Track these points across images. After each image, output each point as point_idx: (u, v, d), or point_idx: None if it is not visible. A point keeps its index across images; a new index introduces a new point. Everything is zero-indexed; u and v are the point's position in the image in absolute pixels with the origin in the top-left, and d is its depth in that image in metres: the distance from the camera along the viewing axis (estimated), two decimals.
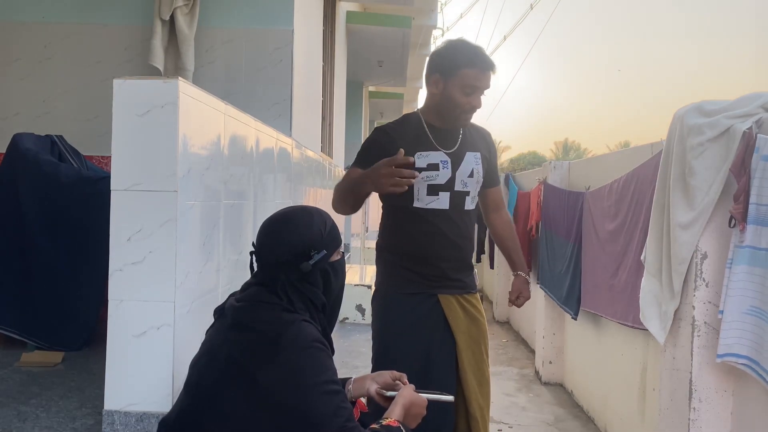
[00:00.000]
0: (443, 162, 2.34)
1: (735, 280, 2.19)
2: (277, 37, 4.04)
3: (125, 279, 1.96)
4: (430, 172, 2.33)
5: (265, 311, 1.62)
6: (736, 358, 2.19)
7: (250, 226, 2.86)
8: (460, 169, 2.37)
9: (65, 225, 3.25)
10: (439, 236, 2.35)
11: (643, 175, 3.05)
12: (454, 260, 2.39)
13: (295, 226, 1.69)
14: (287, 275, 1.66)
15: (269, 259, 1.68)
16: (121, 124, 1.96)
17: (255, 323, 1.60)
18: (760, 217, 2.12)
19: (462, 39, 2.39)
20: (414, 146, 2.33)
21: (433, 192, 2.34)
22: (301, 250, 1.67)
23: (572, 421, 4.19)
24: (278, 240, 1.68)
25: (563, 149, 57.18)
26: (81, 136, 3.85)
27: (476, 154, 2.42)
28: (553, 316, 5.05)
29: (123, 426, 1.95)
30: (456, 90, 2.31)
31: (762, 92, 2.31)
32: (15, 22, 4.05)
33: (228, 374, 1.56)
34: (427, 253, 2.36)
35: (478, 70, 2.29)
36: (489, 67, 2.31)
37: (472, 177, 2.39)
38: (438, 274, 2.37)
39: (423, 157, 2.32)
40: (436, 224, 2.35)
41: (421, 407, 1.76)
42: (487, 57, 2.33)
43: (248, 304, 1.66)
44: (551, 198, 4.90)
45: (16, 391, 2.65)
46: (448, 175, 2.35)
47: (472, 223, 2.47)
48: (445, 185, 2.34)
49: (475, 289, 2.51)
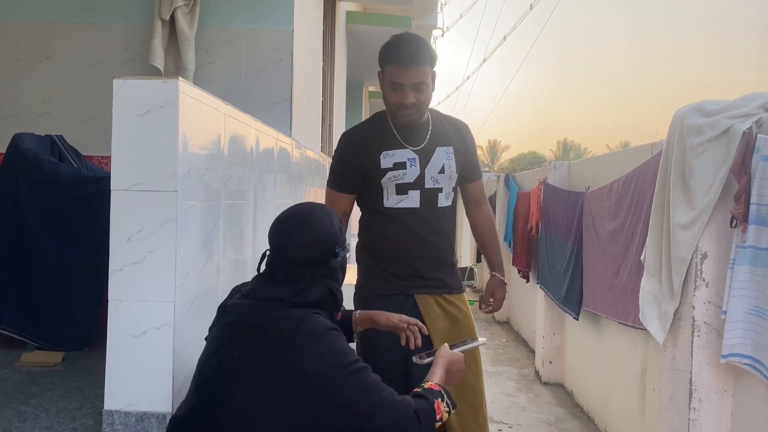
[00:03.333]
0: (411, 159, 2.28)
1: (737, 280, 2.19)
2: (277, 37, 4.04)
3: (125, 279, 1.96)
4: (396, 171, 2.27)
5: (276, 309, 1.62)
6: (741, 358, 2.19)
7: (250, 226, 2.85)
8: (430, 165, 2.30)
9: (65, 225, 3.24)
10: (411, 235, 2.31)
11: (643, 175, 3.05)
12: (430, 258, 2.33)
13: (318, 223, 1.70)
14: (314, 271, 1.66)
15: (294, 255, 1.66)
16: (121, 124, 1.96)
17: (268, 322, 1.60)
18: (761, 217, 2.12)
19: (403, 33, 2.29)
20: (379, 146, 2.29)
21: (402, 191, 2.29)
22: (327, 247, 1.69)
23: (572, 421, 4.19)
24: (305, 237, 1.67)
25: (563, 149, 57.19)
26: (81, 136, 3.85)
27: (448, 149, 2.34)
28: (553, 316, 5.05)
29: (123, 426, 1.95)
30: (387, 87, 2.25)
31: (762, 92, 2.31)
32: (15, 22, 4.04)
33: (244, 373, 1.57)
34: (400, 253, 2.32)
35: (400, 66, 2.18)
36: (412, 62, 2.17)
37: (443, 173, 2.32)
38: (413, 273, 2.32)
39: (389, 156, 2.28)
40: (407, 223, 2.30)
41: (459, 363, 1.84)
42: (412, 50, 2.18)
43: (257, 302, 1.66)
44: (551, 198, 4.90)
45: (16, 391, 2.65)
46: (416, 173, 2.28)
47: (450, 220, 2.39)
48: (414, 183, 2.28)
49: (459, 289, 2.43)
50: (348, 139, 2.38)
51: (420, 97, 2.22)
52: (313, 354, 1.55)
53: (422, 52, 2.20)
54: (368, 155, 2.29)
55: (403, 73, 2.19)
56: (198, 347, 2.18)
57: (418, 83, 2.20)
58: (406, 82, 2.19)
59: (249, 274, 2.84)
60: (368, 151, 2.29)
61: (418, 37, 2.28)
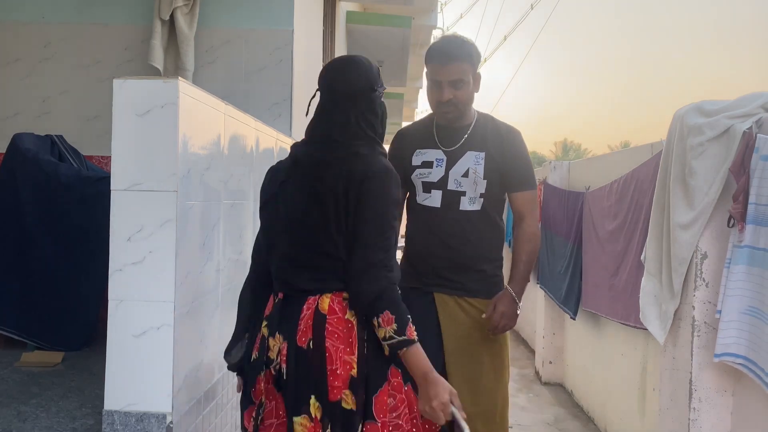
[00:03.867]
0: (438, 160, 2.36)
1: (733, 279, 2.19)
2: (277, 37, 4.04)
3: (125, 279, 1.96)
4: (423, 169, 2.37)
5: (337, 148, 1.79)
6: (734, 358, 2.19)
7: (250, 226, 2.85)
8: (455, 168, 2.33)
9: (65, 225, 3.25)
10: (429, 234, 2.36)
11: (643, 175, 3.05)
12: (447, 260, 2.34)
13: (360, 64, 1.88)
14: (358, 106, 1.82)
15: (345, 89, 1.83)
16: (121, 124, 1.96)
17: (332, 159, 1.77)
18: (759, 217, 2.12)
19: (450, 34, 2.38)
20: (416, 144, 2.41)
21: (427, 189, 2.37)
22: (369, 84, 1.85)
23: (572, 421, 4.19)
24: (353, 74, 1.85)
25: (563, 149, 57.21)
26: (81, 136, 3.85)
27: (479, 154, 2.34)
28: (553, 316, 5.05)
29: (123, 426, 1.95)
30: (428, 85, 2.35)
31: (762, 92, 2.31)
32: (15, 22, 4.04)
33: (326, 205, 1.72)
34: (420, 250, 2.40)
35: (438, 64, 2.28)
36: (449, 59, 2.25)
37: (466, 177, 2.32)
38: (431, 272, 2.36)
39: (420, 155, 2.39)
40: (428, 221, 2.36)
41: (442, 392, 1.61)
42: (449, 48, 2.28)
43: (319, 144, 1.82)
44: (551, 198, 4.90)
45: (16, 391, 2.65)
46: (440, 174, 2.34)
47: (477, 226, 2.34)
48: (437, 183, 2.35)
49: (485, 295, 2.35)
50: (397, 135, 2.53)
51: (458, 95, 2.28)
52: (381, 188, 1.71)
53: (460, 50, 2.28)
54: (406, 152, 2.42)
55: (440, 70, 2.27)
56: (198, 347, 2.19)
57: (455, 80, 2.27)
58: (443, 79, 2.27)
59: None
60: (406, 147, 2.43)
61: (460, 37, 2.37)
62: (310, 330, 1.68)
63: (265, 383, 1.77)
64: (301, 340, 1.69)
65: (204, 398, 2.26)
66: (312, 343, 1.68)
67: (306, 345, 1.68)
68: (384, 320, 1.62)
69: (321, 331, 1.67)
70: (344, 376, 1.66)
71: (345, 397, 1.65)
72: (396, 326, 1.62)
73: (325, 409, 1.65)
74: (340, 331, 1.68)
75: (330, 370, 1.66)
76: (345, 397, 1.65)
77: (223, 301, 2.46)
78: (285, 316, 1.74)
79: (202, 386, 2.24)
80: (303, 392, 1.67)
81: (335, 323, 1.68)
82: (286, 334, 1.72)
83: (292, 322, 1.71)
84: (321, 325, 1.68)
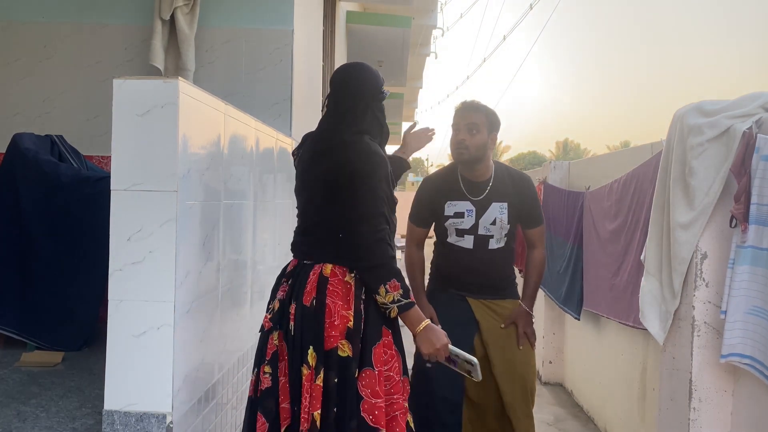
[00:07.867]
0: (468, 211, 2.80)
1: (737, 280, 2.19)
2: (277, 37, 4.03)
3: (125, 279, 1.96)
4: (456, 219, 2.81)
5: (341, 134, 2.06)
6: (740, 358, 2.19)
7: (250, 226, 2.85)
8: (484, 217, 2.78)
9: (65, 225, 3.24)
10: (463, 267, 2.82)
11: (643, 175, 3.05)
12: (478, 284, 2.83)
13: (368, 68, 2.19)
14: (369, 105, 2.11)
15: (353, 86, 2.12)
16: (121, 124, 1.96)
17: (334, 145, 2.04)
18: (761, 217, 2.12)
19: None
20: (447, 195, 2.84)
21: (460, 234, 2.81)
22: (377, 87, 2.16)
23: (572, 421, 4.19)
24: (361, 74, 2.16)
25: (563, 149, 57.23)
26: (81, 136, 3.85)
27: (503, 205, 2.79)
28: (553, 316, 5.05)
29: (123, 426, 1.95)
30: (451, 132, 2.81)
31: (762, 92, 2.31)
32: (15, 22, 4.04)
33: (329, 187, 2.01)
34: (453, 274, 2.86)
35: (460, 110, 2.78)
36: (468, 109, 2.74)
37: (494, 224, 2.78)
38: (464, 287, 2.84)
39: (452, 206, 2.82)
40: (461, 257, 2.81)
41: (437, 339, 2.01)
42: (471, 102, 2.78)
43: (325, 131, 2.12)
44: (551, 198, 4.90)
45: (16, 391, 2.65)
46: (471, 222, 2.79)
47: (500, 259, 2.83)
48: (469, 230, 2.80)
49: (511, 296, 2.88)
50: (426, 185, 2.95)
51: (470, 139, 2.72)
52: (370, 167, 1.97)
53: (480, 106, 2.77)
54: (437, 202, 2.86)
55: (460, 115, 2.77)
56: (198, 347, 2.18)
57: (470, 123, 2.72)
58: (460, 122, 2.75)
59: (249, 274, 2.84)
60: (438, 199, 2.86)
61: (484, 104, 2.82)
62: (314, 290, 1.98)
63: (279, 341, 2.03)
64: (307, 300, 1.98)
65: (204, 398, 2.26)
66: (315, 300, 1.97)
67: (310, 303, 1.97)
68: (391, 287, 1.95)
69: (323, 291, 1.97)
70: (341, 327, 1.94)
71: (341, 346, 1.94)
72: (402, 291, 1.96)
73: (320, 357, 1.92)
74: (339, 290, 1.98)
75: (328, 323, 1.94)
76: (341, 346, 1.94)
77: (223, 301, 2.46)
78: (297, 282, 2.03)
79: (202, 386, 2.24)
80: (305, 345, 1.94)
81: (336, 284, 1.99)
82: (296, 297, 2.00)
83: (302, 286, 2.00)
84: (323, 286, 1.98)
